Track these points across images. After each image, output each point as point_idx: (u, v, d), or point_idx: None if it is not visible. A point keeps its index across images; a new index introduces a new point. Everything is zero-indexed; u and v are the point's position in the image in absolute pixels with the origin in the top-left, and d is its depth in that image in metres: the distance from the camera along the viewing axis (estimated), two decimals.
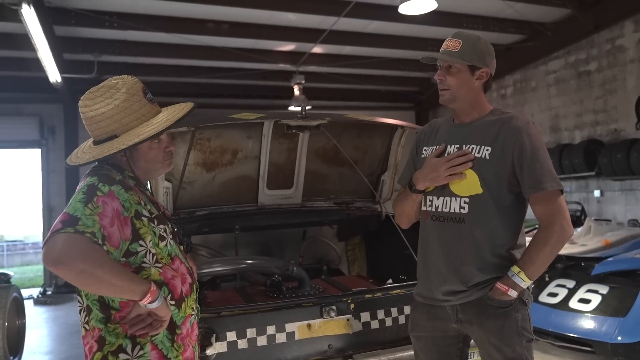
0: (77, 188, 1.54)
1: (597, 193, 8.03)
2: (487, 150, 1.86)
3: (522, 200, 1.90)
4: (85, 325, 1.58)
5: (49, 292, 8.92)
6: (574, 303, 4.35)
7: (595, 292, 4.32)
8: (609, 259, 4.82)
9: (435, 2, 5.46)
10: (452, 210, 1.91)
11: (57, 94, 8.64)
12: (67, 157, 1.71)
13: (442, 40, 2.00)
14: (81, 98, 1.62)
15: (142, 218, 1.58)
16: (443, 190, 1.95)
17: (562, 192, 1.83)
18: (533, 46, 8.66)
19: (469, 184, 1.88)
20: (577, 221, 7.51)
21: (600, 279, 4.47)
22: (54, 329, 6.80)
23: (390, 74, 10.53)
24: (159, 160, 1.70)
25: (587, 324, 4.12)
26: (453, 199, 1.91)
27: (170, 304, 1.59)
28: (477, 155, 1.88)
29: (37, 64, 6.80)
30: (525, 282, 1.78)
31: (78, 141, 9.17)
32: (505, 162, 1.84)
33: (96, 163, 1.67)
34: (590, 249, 5.70)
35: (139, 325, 1.51)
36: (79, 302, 1.62)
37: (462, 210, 1.89)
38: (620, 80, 7.62)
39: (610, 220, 7.28)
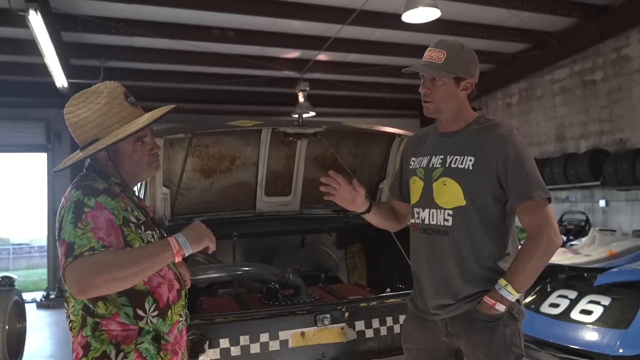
0: (64, 202, 1.53)
1: (602, 203, 7.97)
2: (470, 160, 1.84)
3: (510, 210, 1.87)
4: (73, 331, 1.59)
5: (52, 296, 8.95)
6: (575, 314, 4.30)
7: (597, 303, 4.27)
8: (612, 270, 4.76)
9: (439, 11, 5.46)
10: (437, 223, 1.90)
11: (63, 99, 8.50)
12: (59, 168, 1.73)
13: None
14: (65, 105, 1.64)
15: (130, 225, 1.58)
16: (428, 202, 1.93)
17: (549, 200, 1.79)
18: (538, 55, 8.65)
19: (453, 196, 1.86)
20: (582, 231, 7.46)
21: (602, 290, 4.42)
22: (55, 332, 6.81)
23: (395, 81, 10.54)
24: (144, 162, 1.70)
25: (589, 335, 4.06)
26: (438, 211, 1.90)
27: (154, 314, 1.59)
28: (460, 166, 1.85)
29: (43, 69, 6.88)
30: (513, 295, 1.76)
31: None
32: (489, 172, 1.81)
33: (83, 170, 1.68)
34: (594, 260, 5.65)
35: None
36: (65, 308, 1.63)
37: (446, 223, 1.87)
38: (626, 90, 7.58)
39: (615, 231, 7.22)
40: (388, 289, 3.42)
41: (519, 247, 1.94)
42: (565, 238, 7.05)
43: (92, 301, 1.52)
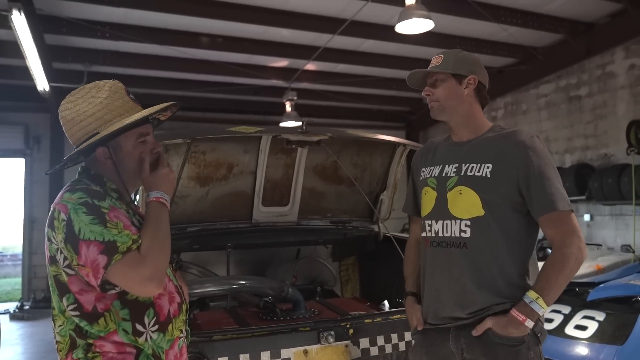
0: (61, 208, 1.40)
1: (587, 217, 8.03)
2: (488, 168, 1.75)
3: (531, 222, 1.77)
4: (60, 353, 1.46)
5: (27, 307, 8.61)
6: (570, 329, 4.26)
7: (592, 318, 4.24)
8: (603, 285, 4.75)
9: (432, 22, 5.45)
10: (453, 235, 1.78)
11: (44, 103, 8.46)
12: (51, 168, 1.61)
13: None
14: (62, 103, 1.54)
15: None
16: (442, 213, 1.83)
17: (572, 211, 1.72)
18: (525, 70, 8.74)
19: (470, 205, 1.76)
20: None
21: (595, 305, 4.40)
22: (29, 346, 6.51)
23: (382, 93, 10.55)
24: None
25: (584, 351, 4.02)
26: (453, 222, 1.79)
27: (154, 329, 1.48)
28: (477, 174, 1.77)
29: (25, 72, 6.65)
30: (543, 309, 1.65)
31: (64, 152, 8.97)
32: (509, 181, 1.72)
33: (76, 176, 1.56)
34: (582, 274, 5.65)
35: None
36: (53, 327, 1.50)
37: (463, 234, 1.76)
38: (610, 106, 7.69)
39: (601, 245, 7.27)
40: (385, 302, 3.33)
41: (538, 266, 1.86)
42: (550, 251, 7.06)
43: (93, 317, 1.40)
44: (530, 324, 1.66)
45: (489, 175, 1.75)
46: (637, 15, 6.66)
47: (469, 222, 1.76)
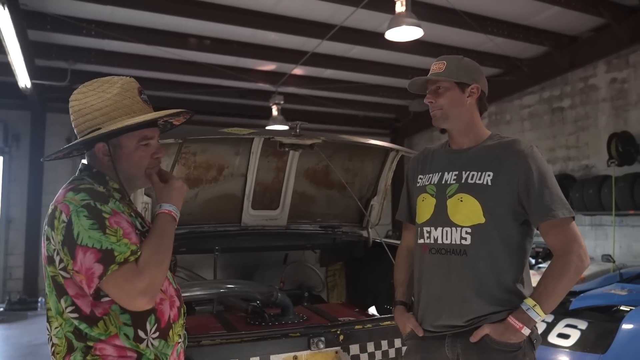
0: (62, 207, 1.35)
1: None
2: (489, 175, 1.76)
3: (528, 231, 1.80)
4: (57, 356, 1.40)
5: (1, 309, 8.38)
6: (553, 338, 4.30)
7: (574, 327, 4.28)
8: (587, 294, 4.81)
9: (422, 30, 5.49)
10: (453, 242, 1.78)
11: (25, 101, 8.28)
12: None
13: (422, 69, 1.96)
14: (73, 92, 1.52)
15: (137, 232, 1.44)
16: (442, 220, 1.82)
17: (573, 218, 1.73)
18: (509, 80, 8.85)
19: (471, 213, 1.76)
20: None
21: (577, 314, 4.45)
22: (5, 349, 6.33)
23: (369, 99, 10.59)
24: (143, 165, 1.55)
25: (567, 359, 4.06)
26: (454, 229, 1.78)
27: (155, 336, 1.44)
28: (478, 182, 1.77)
29: (6, 67, 6.50)
30: (540, 316, 1.66)
31: (44, 150, 8.78)
32: (510, 188, 1.74)
33: (77, 173, 1.52)
34: None
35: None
36: (47, 329, 1.45)
37: (463, 242, 1.76)
38: (592, 118, 7.84)
39: None
40: (373, 307, 3.31)
41: (530, 274, 1.87)
42: (533, 261, 7.15)
43: (93, 320, 1.36)
44: (527, 331, 1.66)
45: (490, 183, 1.76)
46: (619, 30, 6.83)
47: (469, 230, 1.76)
